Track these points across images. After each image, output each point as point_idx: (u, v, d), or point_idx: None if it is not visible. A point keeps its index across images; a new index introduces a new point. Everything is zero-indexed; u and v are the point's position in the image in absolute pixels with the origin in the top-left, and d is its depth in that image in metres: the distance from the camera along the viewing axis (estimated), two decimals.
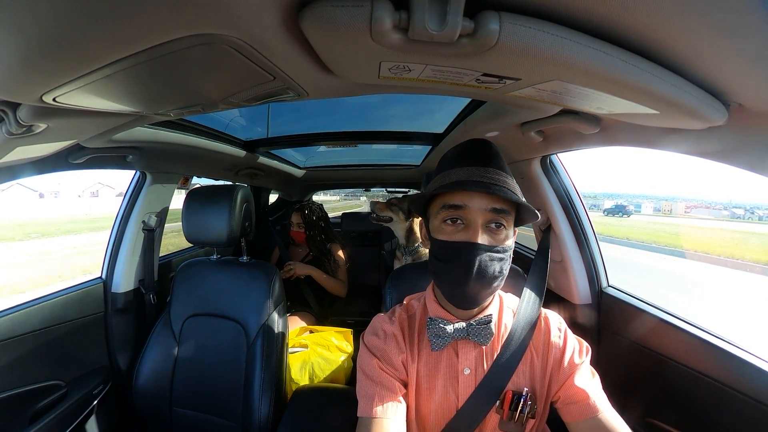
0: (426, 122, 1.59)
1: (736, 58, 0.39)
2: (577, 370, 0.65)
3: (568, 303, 1.18)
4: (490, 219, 0.59)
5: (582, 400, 0.62)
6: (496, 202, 0.58)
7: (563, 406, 0.64)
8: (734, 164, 0.61)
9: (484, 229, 0.59)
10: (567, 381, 0.64)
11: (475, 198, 0.59)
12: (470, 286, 0.59)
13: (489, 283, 0.59)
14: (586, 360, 0.67)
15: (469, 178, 0.59)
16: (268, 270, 1.21)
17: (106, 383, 1.25)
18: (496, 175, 0.60)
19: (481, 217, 0.59)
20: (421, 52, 0.40)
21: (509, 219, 0.60)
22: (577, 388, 0.63)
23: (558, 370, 0.66)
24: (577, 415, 0.61)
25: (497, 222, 0.59)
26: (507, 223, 0.60)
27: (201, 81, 0.53)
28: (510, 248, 0.61)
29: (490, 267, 0.58)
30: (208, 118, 1.27)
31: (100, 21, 0.32)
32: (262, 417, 1.05)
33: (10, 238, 14.43)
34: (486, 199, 0.58)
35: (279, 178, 2.39)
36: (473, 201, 0.59)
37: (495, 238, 0.59)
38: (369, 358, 0.68)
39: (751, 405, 0.67)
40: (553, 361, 0.67)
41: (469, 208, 0.59)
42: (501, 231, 0.60)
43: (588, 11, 0.34)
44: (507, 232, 0.60)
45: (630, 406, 0.98)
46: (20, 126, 0.61)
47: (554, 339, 0.68)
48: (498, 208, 0.58)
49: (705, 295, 7.31)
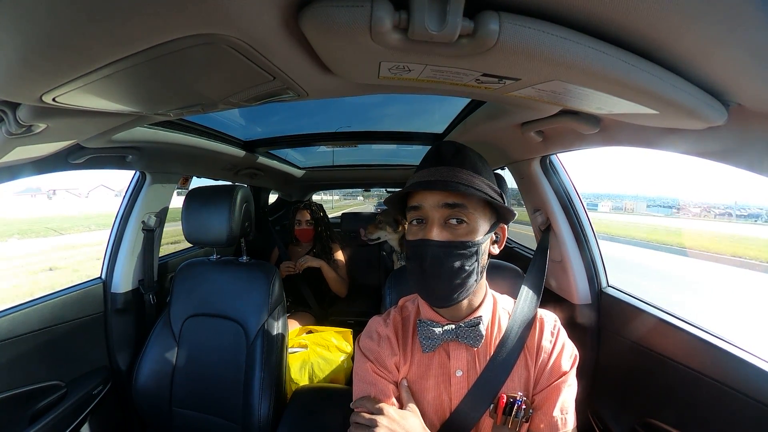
0: (426, 122, 1.59)
1: (736, 57, 0.39)
2: (557, 379, 0.64)
3: (567, 303, 1.18)
4: (447, 215, 0.59)
5: (547, 412, 0.61)
6: (448, 198, 0.59)
7: (533, 410, 0.64)
8: (734, 164, 0.61)
9: (444, 226, 0.60)
10: (546, 388, 0.64)
11: (428, 196, 0.60)
12: (431, 282, 0.60)
13: (450, 279, 0.59)
14: (572, 371, 0.65)
15: (423, 179, 0.60)
16: (267, 270, 1.21)
17: (105, 383, 1.25)
18: (453, 172, 0.60)
19: (437, 214, 0.60)
20: (420, 52, 0.40)
21: (470, 214, 0.60)
22: (549, 399, 0.62)
23: (541, 374, 0.65)
24: (542, 427, 0.61)
25: (456, 217, 0.59)
26: (468, 218, 0.60)
27: (201, 81, 0.53)
28: (476, 243, 0.60)
29: (446, 263, 0.58)
30: (208, 118, 1.27)
31: (100, 21, 0.32)
32: (261, 417, 1.04)
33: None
34: (437, 195, 0.59)
35: (278, 178, 2.40)
36: (426, 199, 0.60)
37: (454, 233, 0.59)
38: (363, 362, 0.68)
39: (751, 405, 0.67)
40: (540, 363, 0.66)
41: (424, 207, 0.61)
42: (461, 226, 0.60)
43: (588, 11, 0.34)
44: (470, 227, 0.60)
45: (630, 405, 0.98)
46: (20, 126, 0.61)
47: (545, 342, 0.67)
48: (450, 203, 0.59)
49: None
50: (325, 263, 1.96)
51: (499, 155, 1.26)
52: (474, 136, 1.20)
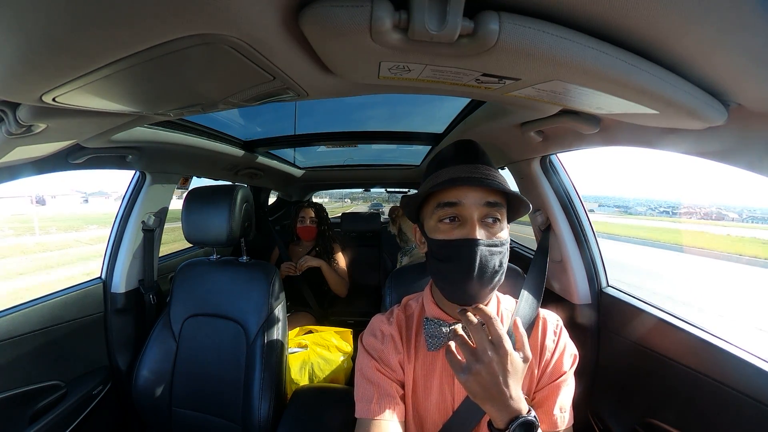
0: (426, 122, 1.59)
1: (736, 58, 0.39)
2: (558, 378, 0.64)
3: (567, 303, 1.18)
4: (486, 213, 0.59)
5: (548, 411, 0.62)
6: (489, 196, 0.59)
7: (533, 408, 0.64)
8: (734, 164, 0.61)
9: (481, 224, 0.59)
10: (547, 386, 0.64)
11: (470, 193, 0.59)
12: (473, 282, 0.58)
13: (491, 278, 0.59)
14: (570, 371, 0.66)
15: (461, 175, 0.60)
16: (267, 270, 1.21)
17: (105, 383, 1.25)
18: (486, 170, 0.61)
19: (477, 212, 0.59)
20: (420, 52, 0.40)
21: (503, 212, 0.61)
22: (550, 398, 0.63)
23: (543, 374, 0.66)
24: (542, 425, 0.61)
25: (492, 216, 0.60)
26: (501, 217, 0.61)
27: (201, 81, 0.53)
28: (506, 242, 0.61)
29: (491, 261, 0.58)
30: (208, 118, 1.27)
31: (100, 21, 0.32)
32: (261, 417, 1.04)
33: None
34: (480, 193, 0.59)
35: (278, 178, 2.39)
36: (468, 197, 0.59)
37: (491, 232, 0.59)
38: (367, 360, 0.68)
39: (751, 405, 0.67)
40: (543, 363, 0.66)
41: (464, 204, 0.59)
42: (496, 225, 0.60)
43: (588, 11, 0.34)
44: (501, 225, 0.61)
45: (630, 405, 0.98)
46: (20, 126, 0.61)
47: (548, 342, 0.68)
48: (492, 202, 0.59)
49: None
50: (325, 263, 1.96)
51: (499, 155, 1.26)
52: (474, 136, 1.20)
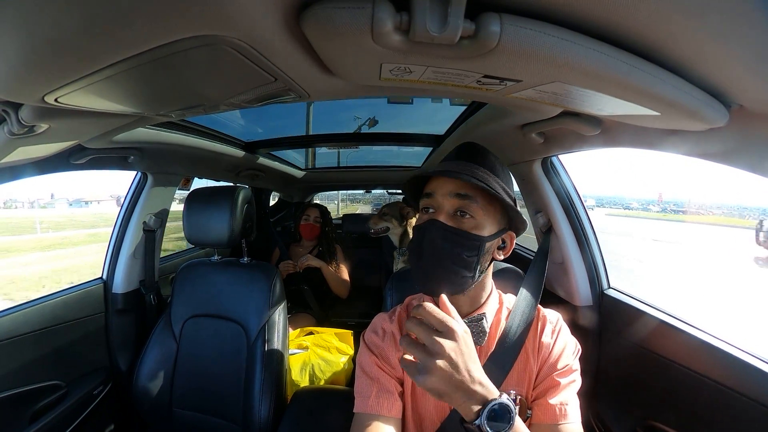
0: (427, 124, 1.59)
1: (737, 59, 0.39)
2: (557, 372, 0.63)
3: (569, 305, 1.18)
4: (457, 206, 0.60)
5: (546, 404, 0.61)
6: (461, 188, 0.60)
7: (533, 405, 0.63)
8: (735, 165, 0.61)
9: (452, 216, 0.60)
10: (545, 380, 0.63)
11: (441, 184, 0.61)
12: (428, 265, 0.59)
13: (443, 260, 0.59)
14: (573, 365, 0.65)
15: (439, 168, 0.62)
16: (268, 271, 1.21)
17: (106, 384, 1.25)
18: (470, 167, 0.62)
19: (447, 203, 0.60)
20: (422, 54, 0.40)
21: (478, 209, 0.60)
22: (548, 392, 0.62)
23: (542, 369, 0.65)
24: (541, 417, 0.61)
25: (462, 210, 0.60)
26: (475, 214, 0.60)
27: (202, 82, 0.53)
28: (477, 239, 0.59)
29: (446, 246, 0.58)
30: (209, 119, 1.27)
31: (102, 22, 0.32)
32: (262, 418, 1.04)
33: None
34: (450, 184, 0.60)
35: (279, 179, 2.40)
36: (439, 187, 0.62)
37: (459, 223, 0.60)
38: (368, 356, 0.69)
39: (754, 407, 0.67)
40: (541, 360, 0.66)
41: (435, 195, 0.62)
42: (467, 220, 0.60)
43: (589, 13, 0.34)
44: (475, 222, 0.60)
45: (631, 408, 0.97)
46: (22, 126, 0.61)
47: (545, 338, 0.67)
48: (462, 194, 0.59)
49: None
50: (325, 264, 1.96)
51: (501, 157, 1.24)
52: (475, 137, 1.20)
